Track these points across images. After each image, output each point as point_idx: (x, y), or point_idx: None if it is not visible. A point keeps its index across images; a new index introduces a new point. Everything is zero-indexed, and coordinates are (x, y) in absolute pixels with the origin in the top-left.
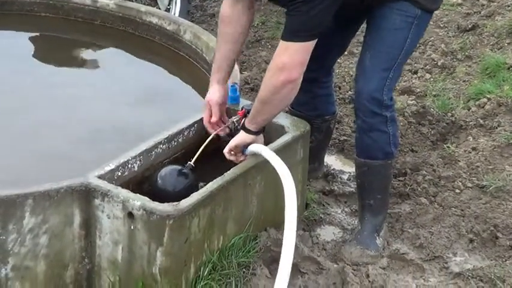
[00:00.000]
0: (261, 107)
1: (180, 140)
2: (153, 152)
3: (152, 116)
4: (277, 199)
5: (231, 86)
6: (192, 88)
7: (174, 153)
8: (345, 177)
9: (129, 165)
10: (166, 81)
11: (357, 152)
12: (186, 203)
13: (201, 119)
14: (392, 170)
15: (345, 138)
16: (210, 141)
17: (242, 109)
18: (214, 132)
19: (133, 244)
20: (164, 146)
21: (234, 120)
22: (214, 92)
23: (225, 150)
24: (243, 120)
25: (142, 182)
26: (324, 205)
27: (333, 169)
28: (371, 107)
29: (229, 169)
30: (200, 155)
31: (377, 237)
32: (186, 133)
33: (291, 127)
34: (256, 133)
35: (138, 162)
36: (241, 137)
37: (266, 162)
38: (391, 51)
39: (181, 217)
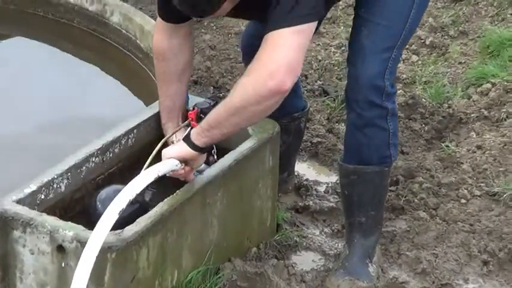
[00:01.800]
0: (228, 118)
1: (116, 150)
2: (84, 167)
3: (71, 129)
4: (243, 220)
5: None
6: (123, 84)
7: (109, 168)
8: (322, 189)
9: (55, 186)
10: (89, 78)
11: (345, 155)
12: (131, 230)
13: (142, 123)
14: (389, 180)
15: (319, 139)
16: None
17: (194, 108)
18: (164, 139)
19: (65, 286)
20: (97, 158)
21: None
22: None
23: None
24: (189, 128)
25: (71, 206)
26: (298, 226)
27: (306, 180)
28: (370, 96)
29: (183, 185)
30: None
31: (369, 264)
32: (123, 141)
33: (256, 129)
34: (202, 150)
35: (66, 181)
36: (179, 150)
37: (228, 174)
38: (394, 25)
39: (126, 249)
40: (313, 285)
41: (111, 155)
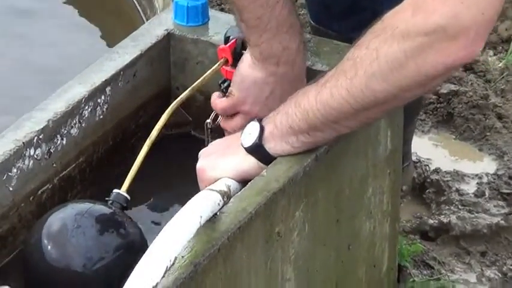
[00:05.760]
0: (357, 113)
1: (73, 131)
2: (15, 170)
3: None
4: (340, 265)
5: None
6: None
7: (62, 170)
8: (470, 189)
9: None
10: None
11: None
12: None
13: (121, 73)
14: None
15: (452, 88)
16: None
17: (228, 40)
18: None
19: None
20: (38, 151)
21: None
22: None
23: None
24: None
25: None
26: (432, 268)
27: (436, 171)
28: None
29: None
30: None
31: None
32: (86, 112)
33: None
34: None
35: None
36: (240, 165)
37: (312, 175)
38: None
39: None
40: None
41: (63, 142)
